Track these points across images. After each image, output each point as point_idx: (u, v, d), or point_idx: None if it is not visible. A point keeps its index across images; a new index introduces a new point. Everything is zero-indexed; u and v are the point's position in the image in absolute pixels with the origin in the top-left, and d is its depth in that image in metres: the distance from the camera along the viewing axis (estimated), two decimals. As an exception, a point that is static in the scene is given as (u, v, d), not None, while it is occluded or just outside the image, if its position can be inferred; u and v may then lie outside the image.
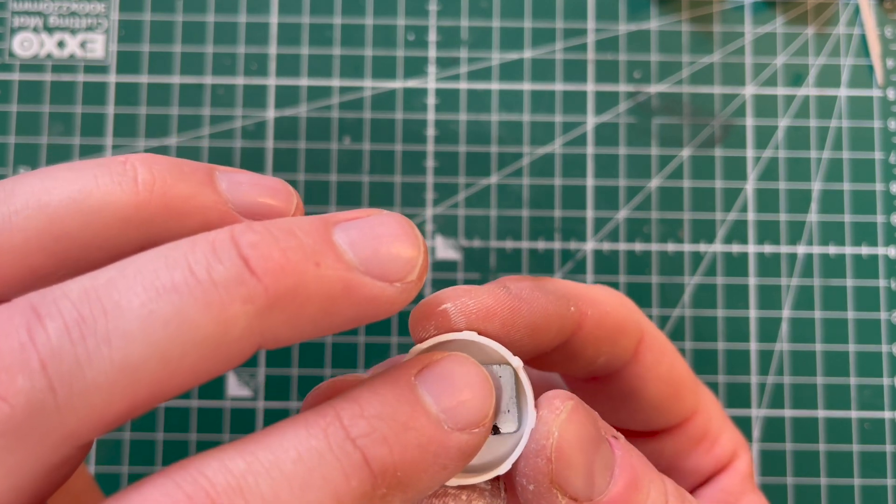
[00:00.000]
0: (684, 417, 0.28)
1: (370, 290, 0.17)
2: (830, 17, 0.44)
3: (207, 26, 0.43)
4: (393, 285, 0.18)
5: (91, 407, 0.15)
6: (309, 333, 0.17)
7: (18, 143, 0.42)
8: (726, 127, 0.43)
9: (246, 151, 0.43)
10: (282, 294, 0.16)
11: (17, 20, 0.43)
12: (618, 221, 0.42)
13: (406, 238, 0.18)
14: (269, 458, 0.16)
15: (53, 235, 0.18)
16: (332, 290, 0.17)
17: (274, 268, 0.16)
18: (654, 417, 0.28)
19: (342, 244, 0.17)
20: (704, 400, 0.29)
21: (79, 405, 0.15)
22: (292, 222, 0.17)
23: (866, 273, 0.42)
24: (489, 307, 0.21)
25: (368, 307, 0.17)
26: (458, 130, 0.43)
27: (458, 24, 0.44)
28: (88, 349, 0.15)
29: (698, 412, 0.28)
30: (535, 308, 0.22)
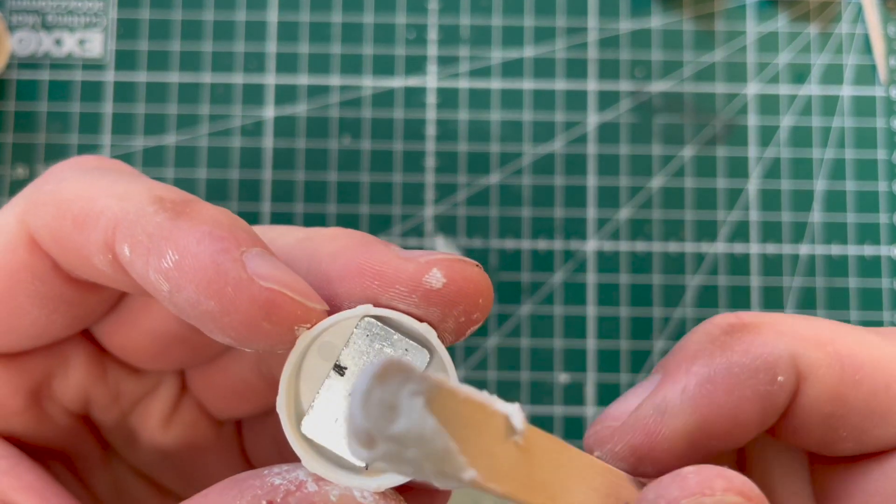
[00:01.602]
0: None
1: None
2: (833, 16, 0.44)
3: (206, 24, 0.43)
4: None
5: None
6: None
7: (16, 142, 0.42)
8: (728, 126, 0.43)
9: (244, 150, 0.42)
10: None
11: (14, 18, 0.43)
12: (619, 221, 0.42)
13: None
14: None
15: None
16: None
17: None
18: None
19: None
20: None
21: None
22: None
23: (870, 273, 0.42)
24: (639, 446, 0.17)
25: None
26: (459, 129, 0.43)
27: (459, 22, 0.43)
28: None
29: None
30: (703, 413, 0.17)
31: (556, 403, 0.41)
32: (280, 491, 0.16)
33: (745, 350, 0.17)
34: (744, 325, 0.18)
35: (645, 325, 0.41)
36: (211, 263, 0.16)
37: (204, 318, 0.17)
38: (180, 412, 0.24)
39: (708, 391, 0.17)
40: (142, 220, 0.17)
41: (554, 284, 0.42)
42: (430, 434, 0.13)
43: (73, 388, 0.22)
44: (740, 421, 0.17)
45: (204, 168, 0.42)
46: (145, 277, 0.17)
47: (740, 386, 0.17)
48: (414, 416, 0.13)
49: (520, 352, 0.41)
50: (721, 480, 0.16)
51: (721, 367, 0.17)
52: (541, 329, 0.41)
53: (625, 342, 0.41)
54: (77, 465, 0.24)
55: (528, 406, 0.41)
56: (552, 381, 0.41)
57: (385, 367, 0.13)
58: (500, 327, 0.41)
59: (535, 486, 0.16)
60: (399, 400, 0.13)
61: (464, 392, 0.14)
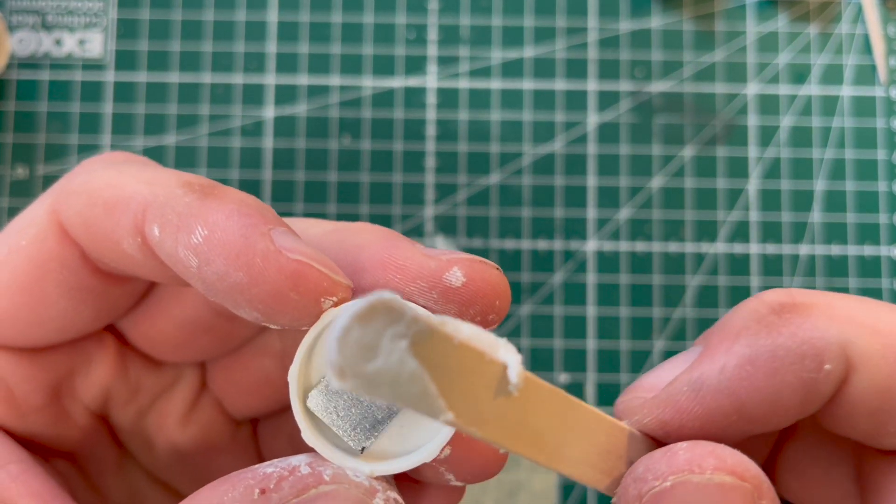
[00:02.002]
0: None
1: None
2: (833, 16, 0.44)
3: (206, 24, 0.43)
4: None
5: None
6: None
7: (16, 142, 0.42)
8: (728, 126, 0.43)
9: (244, 150, 0.42)
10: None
11: (14, 18, 0.43)
12: (619, 221, 0.42)
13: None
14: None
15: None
16: None
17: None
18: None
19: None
20: None
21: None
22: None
23: (870, 273, 0.42)
24: (669, 421, 0.17)
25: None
26: (459, 129, 0.43)
27: (459, 22, 0.43)
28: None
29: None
30: (741, 396, 0.16)
31: (556, 403, 0.41)
32: (273, 478, 0.17)
33: (792, 333, 0.16)
34: (794, 306, 0.17)
35: (645, 325, 0.41)
36: (240, 237, 0.17)
37: (232, 290, 0.17)
38: (198, 410, 0.24)
39: (748, 373, 0.16)
40: (171, 201, 0.17)
41: (554, 284, 0.42)
42: (405, 377, 0.14)
43: (96, 385, 0.22)
44: (780, 406, 0.16)
45: (204, 168, 0.42)
46: (174, 255, 0.17)
47: (783, 371, 0.16)
48: (393, 358, 0.13)
49: (520, 351, 0.41)
50: (712, 459, 0.16)
51: (765, 349, 0.16)
52: (541, 329, 0.41)
53: (625, 342, 0.41)
54: (90, 468, 0.24)
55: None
56: (552, 381, 0.41)
57: (370, 306, 0.13)
58: (500, 327, 0.41)
59: (524, 435, 0.16)
60: (380, 341, 0.13)
61: (462, 337, 0.14)
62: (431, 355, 0.14)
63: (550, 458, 0.16)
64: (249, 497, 0.16)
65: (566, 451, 0.17)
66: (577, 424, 0.17)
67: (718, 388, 0.16)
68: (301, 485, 0.16)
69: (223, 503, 0.16)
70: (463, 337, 0.14)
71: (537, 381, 0.16)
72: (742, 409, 0.16)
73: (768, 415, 0.16)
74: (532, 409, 0.16)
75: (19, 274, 0.20)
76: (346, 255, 0.19)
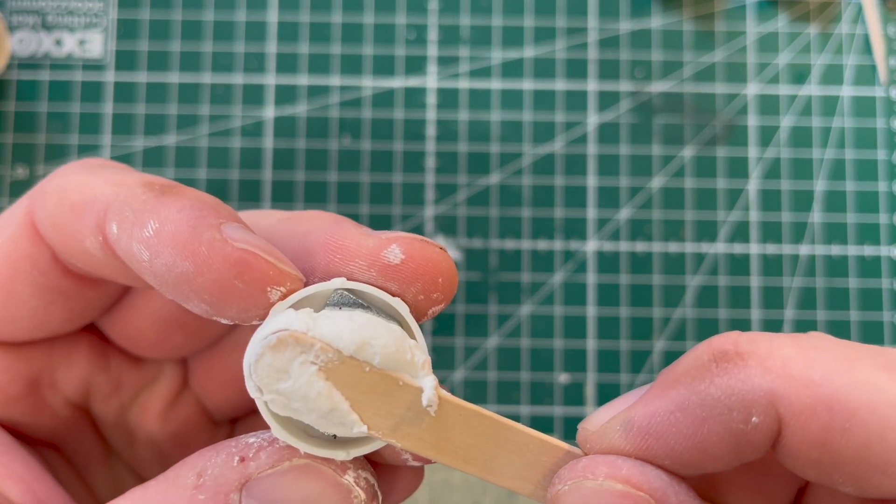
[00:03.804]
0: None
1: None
2: (833, 16, 0.44)
3: (206, 24, 0.43)
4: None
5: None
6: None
7: (16, 142, 0.42)
8: (728, 126, 0.43)
9: (244, 150, 0.42)
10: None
11: (14, 18, 0.43)
12: (619, 221, 0.42)
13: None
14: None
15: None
16: None
17: None
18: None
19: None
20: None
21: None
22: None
23: (870, 274, 0.42)
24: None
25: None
26: (459, 130, 0.43)
27: (459, 22, 0.43)
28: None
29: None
30: (669, 440, 0.17)
31: (556, 403, 0.41)
32: (253, 447, 0.18)
33: (724, 383, 0.16)
34: (733, 355, 0.17)
35: (645, 325, 0.41)
36: (188, 228, 0.17)
37: (180, 281, 0.17)
38: (178, 407, 0.25)
39: (676, 419, 0.17)
40: (130, 199, 0.18)
41: (554, 284, 0.42)
42: (314, 395, 0.17)
43: (76, 379, 0.23)
44: (709, 453, 0.17)
45: (204, 168, 0.42)
46: (129, 251, 0.18)
47: (711, 420, 0.16)
48: (301, 381, 0.17)
49: (520, 352, 0.41)
50: (606, 467, 0.17)
51: (696, 397, 0.17)
52: (541, 329, 0.41)
53: (625, 342, 0.41)
54: (77, 461, 0.24)
55: (528, 406, 0.41)
56: (552, 381, 0.41)
57: (279, 340, 0.17)
58: (500, 327, 0.41)
59: (448, 449, 0.18)
60: (290, 366, 0.17)
61: (372, 366, 0.17)
62: (344, 378, 0.17)
63: (482, 472, 0.18)
64: (230, 463, 0.17)
65: (498, 466, 0.18)
66: (508, 444, 0.18)
67: (648, 430, 0.17)
68: (277, 456, 0.17)
69: (206, 468, 0.17)
70: (375, 364, 0.17)
71: (459, 403, 0.18)
72: (672, 453, 0.17)
73: (699, 460, 0.17)
74: (455, 427, 0.18)
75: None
76: (294, 241, 0.19)
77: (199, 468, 0.17)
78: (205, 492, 0.17)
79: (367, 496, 0.18)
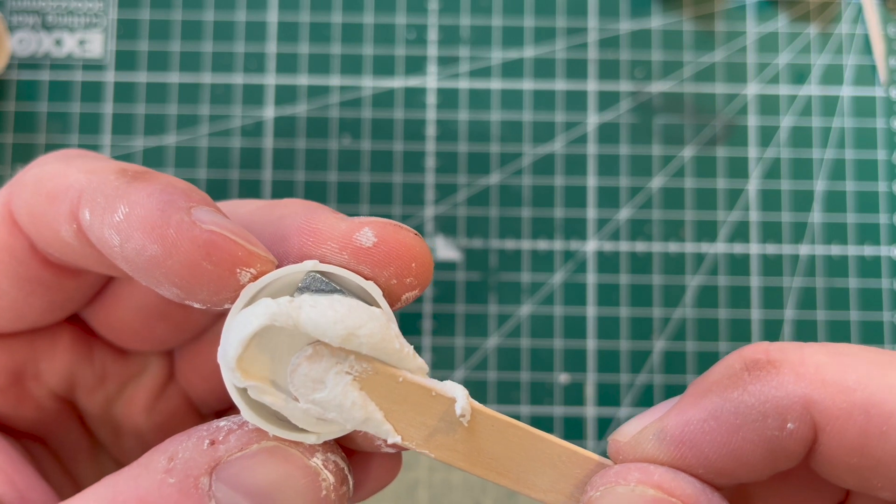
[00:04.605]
0: None
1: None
2: (833, 16, 0.44)
3: (206, 24, 0.43)
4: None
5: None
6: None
7: (17, 142, 0.42)
8: (728, 126, 0.43)
9: (244, 150, 0.42)
10: None
11: (14, 18, 0.43)
12: (619, 221, 0.42)
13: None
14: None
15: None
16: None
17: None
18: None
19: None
20: None
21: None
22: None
23: (870, 274, 0.42)
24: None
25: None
26: (459, 130, 0.43)
27: (459, 22, 0.43)
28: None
29: None
30: (703, 449, 0.17)
31: (556, 403, 0.41)
32: (223, 430, 0.18)
33: (757, 391, 0.16)
34: (765, 363, 0.17)
35: (645, 325, 0.41)
36: (157, 211, 0.17)
37: (150, 265, 0.17)
38: (164, 400, 0.25)
39: (710, 428, 0.17)
40: (103, 186, 0.18)
41: (554, 284, 0.42)
42: (349, 405, 0.17)
43: (60, 370, 0.23)
44: (744, 462, 0.16)
45: (204, 168, 0.42)
46: (101, 238, 0.17)
47: (745, 428, 0.16)
48: (337, 390, 0.17)
49: (520, 352, 0.41)
50: (637, 473, 0.17)
51: (729, 405, 0.16)
52: (541, 329, 0.41)
53: (625, 342, 0.41)
54: (63, 454, 0.24)
55: (528, 406, 0.41)
56: (552, 381, 0.41)
57: (316, 350, 0.17)
58: (500, 327, 0.41)
59: (481, 460, 0.18)
60: (326, 376, 0.17)
61: (405, 376, 0.18)
62: (379, 389, 0.18)
63: (515, 484, 0.18)
64: (200, 447, 0.17)
65: (531, 478, 0.18)
66: (541, 455, 0.18)
67: (681, 439, 0.17)
68: (246, 439, 0.18)
69: (177, 451, 0.18)
70: (407, 376, 0.18)
71: (492, 414, 0.18)
72: (706, 462, 0.17)
73: (734, 468, 0.17)
74: (488, 438, 0.18)
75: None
76: (270, 227, 0.19)
77: (171, 452, 0.18)
78: (175, 475, 0.17)
79: (336, 479, 0.18)
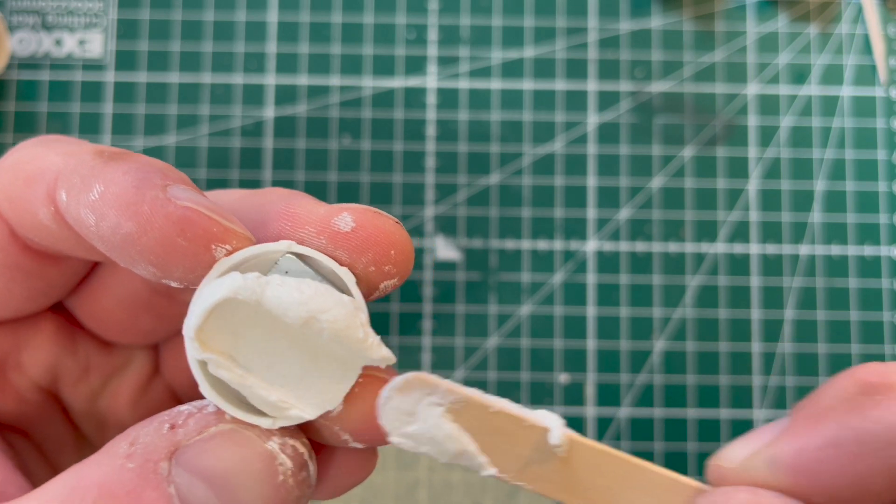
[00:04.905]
0: None
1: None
2: (833, 16, 0.44)
3: (206, 24, 0.43)
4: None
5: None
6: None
7: (17, 142, 0.42)
8: (728, 126, 0.43)
9: (245, 150, 0.42)
10: None
11: (14, 18, 0.43)
12: (619, 221, 0.42)
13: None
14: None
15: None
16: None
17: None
18: None
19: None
20: None
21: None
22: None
23: (870, 274, 0.42)
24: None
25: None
26: (459, 129, 0.43)
27: (459, 22, 0.43)
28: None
29: None
30: (823, 477, 0.16)
31: (556, 403, 0.41)
32: (183, 415, 0.18)
33: (880, 416, 0.15)
34: (883, 386, 0.16)
35: (645, 325, 0.41)
36: (132, 188, 0.17)
37: (125, 243, 0.17)
38: (149, 394, 0.25)
39: (831, 456, 0.16)
40: (79, 166, 0.18)
41: (554, 284, 0.42)
42: (442, 437, 0.17)
43: (43, 361, 0.23)
44: (867, 490, 0.16)
45: (204, 168, 0.42)
46: (77, 218, 0.17)
47: (869, 456, 0.15)
48: (429, 423, 0.17)
49: (520, 352, 0.41)
50: (745, 494, 0.16)
51: (849, 433, 0.16)
52: (541, 329, 0.41)
53: (625, 342, 0.41)
54: (46, 446, 0.24)
55: (528, 406, 0.41)
56: (552, 381, 0.41)
57: (405, 381, 0.17)
58: (500, 327, 0.41)
59: (578, 490, 0.18)
60: (416, 408, 0.17)
61: (498, 406, 0.17)
62: (471, 420, 0.17)
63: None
64: (160, 431, 0.17)
65: (623, 502, 0.18)
66: (639, 483, 0.18)
67: (798, 467, 0.16)
68: (204, 422, 0.17)
69: (139, 436, 0.17)
70: (500, 405, 0.17)
71: (588, 443, 0.18)
72: (825, 491, 0.16)
73: (855, 498, 0.16)
74: (584, 468, 0.18)
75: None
76: (252, 213, 0.19)
77: (132, 438, 0.17)
78: (134, 460, 0.17)
79: (294, 465, 0.17)
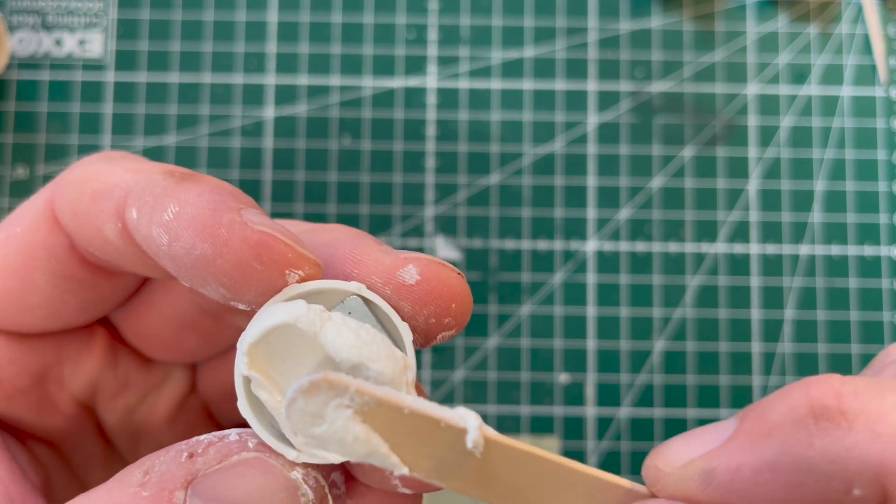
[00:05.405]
0: None
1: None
2: (833, 16, 0.44)
3: (206, 24, 0.43)
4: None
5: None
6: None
7: (17, 142, 0.42)
8: (728, 126, 0.43)
9: (245, 150, 0.42)
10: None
11: (14, 18, 0.43)
12: (619, 221, 0.42)
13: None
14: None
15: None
16: None
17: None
18: None
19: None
20: None
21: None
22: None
23: (870, 274, 0.42)
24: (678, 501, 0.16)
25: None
26: (459, 129, 0.43)
27: (459, 22, 0.43)
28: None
29: None
30: (753, 501, 0.15)
31: (556, 403, 0.41)
32: (202, 444, 0.17)
33: (824, 448, 0.14)
34: (836, 413, 0.14)
35: (645, 325, 0.41)
36: (208, 211, 0.17)
37: (199, 264, 0.17)
38: (185, 412, 0.25)
39: (766, 480, 0.15)
40: (151, 185, 0.18)
41: (554, 284, 0.42)
42: (351, 439, 0.16)
43: (84, 375, 0.23)
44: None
45: (204, 168, 0.42)
46: (148, 236, 0.18)
47: (805, 487, 0.14)
48: (337, 424, 0.16)
49: (520, 352, 0.41)
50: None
51: (789, 459, 0.15)
52: (541, 329, 0.41)
53: (625, 342, 0.41)
54: (75, 460, 0.24)
55: (528, 406, 0.41)
56: (552, 381, 0.41)
57: (312, 384, 0.16)
58: (500, 327, 0.41)
59: (499, 489, 0.17)
60: (324, 410, 0.16)
61: (411, 407, 0.16)
62: (383, 421, 0.16)
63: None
64: (178, 460, 0.17)
65: (547, 501, 0.17)
66: (564, 483, 0.17)
67: (731, 487, 0.15)
68: (225, 451, 0.17)
69: (154, 465, 0.17)
70: (414, 406, 0.16)
71: (506, 442, 0.17)
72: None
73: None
74: (504, 468, 0.17)
75: (10, 259, 0.20)
76: (318, 250, 0.19)
77: (147, 466, 0.17)
78: (149, 489, 0.17)
79: (315, 496, 0.17)
